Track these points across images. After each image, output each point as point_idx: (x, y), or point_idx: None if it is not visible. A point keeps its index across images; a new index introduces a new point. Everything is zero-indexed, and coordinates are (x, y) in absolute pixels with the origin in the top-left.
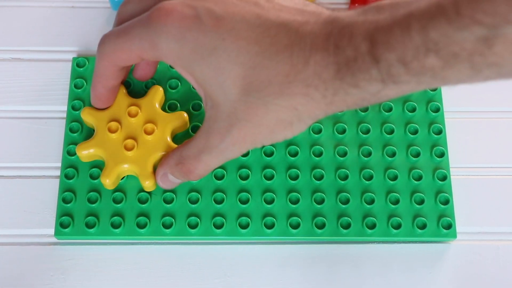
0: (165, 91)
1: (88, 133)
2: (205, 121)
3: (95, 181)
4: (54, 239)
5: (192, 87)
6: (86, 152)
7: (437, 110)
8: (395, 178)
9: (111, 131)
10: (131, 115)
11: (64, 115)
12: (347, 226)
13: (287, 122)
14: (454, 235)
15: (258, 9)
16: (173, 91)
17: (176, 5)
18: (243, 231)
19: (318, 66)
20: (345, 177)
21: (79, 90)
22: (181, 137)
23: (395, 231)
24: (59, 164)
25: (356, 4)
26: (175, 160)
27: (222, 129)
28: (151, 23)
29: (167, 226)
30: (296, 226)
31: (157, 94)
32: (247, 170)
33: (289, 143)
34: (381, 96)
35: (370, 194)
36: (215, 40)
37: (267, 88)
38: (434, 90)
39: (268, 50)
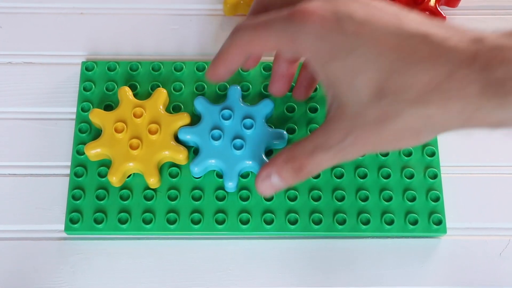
0: (170, 94)
1: (96, 134)
2: (327, 121)
3: (103, 179)
4: (64, 234)
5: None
6: (94, 151)
7: None
8: (388, 176)
9: (117, 131)
10: (136, 116)
11: (74, 116)
12: (342, 222)
13: (416, 131)
14: (444, 231)
15: (397, 19)
16: (177, 93)
17: (318, 8)
18: (244, 226)
19: (462, 81)
20: (341, 176)
21: (88, 93)
22: None
23: (388, 226)
24: (69, 163)
25: None
26: (283, 158)
27: (344, 129)
28: (292, 22)
29: (171, 222)
30: (294, 222)
31: (161, 96)
32: None
33: (287, 143)
34: None
35: (364, 191)
36: (354, 43)
37: (402, 94)
38: None
39: (408, 58)
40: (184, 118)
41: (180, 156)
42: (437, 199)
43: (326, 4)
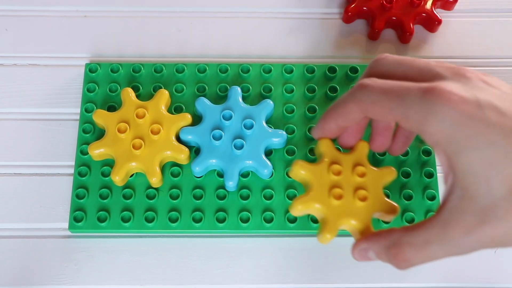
0: (171, 95)
1: (100, 134)
2: (445, 210)
3: (107, 178)
4: (68, 233)
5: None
6: (98, 151)
7: None
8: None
9: (120, 131)
10: (138, 116)
11: (78, 117)
12: None
13: None
14: None
15: None
16: (179, 94)
17: (456, 88)
18: (244, 225)
19: None
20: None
21: (91, 94)
22: None
23: (385, 224)
24: (73, 163)
25: (350, 13)
26: (389, 242)
27: (469, 224)
28: (429, 99)
29: (173, 220)
30: (293, 221)
31: (163, 97)
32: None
33: (287, 143)
34: None
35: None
36: (496, 135)
37: None
38: None
39: None
40: (185, 119)
41: (181, 155)
42: (433, 197)
43: (465, 87)
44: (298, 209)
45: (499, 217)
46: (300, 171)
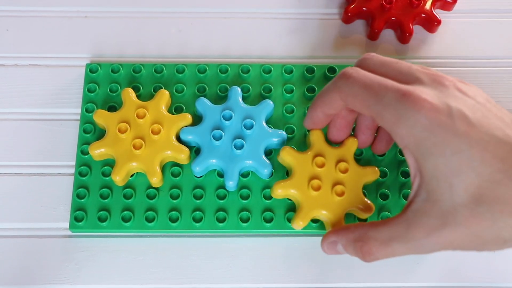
0: (172, 95)
1: (100, 134)
2: (410, 210)
3: (107, 178)
4: (68, 232)
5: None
6: (98, 151)
7: None
8: (385, 175)
9: (121, 131)
10: (139, 116)
11: (78, 117)
12: None
13: (504, 240)
14: None
15: (504, 125)
16: (179, 94)
17: (431, 96)
18: (244, 224)
19: None
20: None
21: (92, 94)
22: None
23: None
24: (74, 163)
25: (349, 14)
26: (356, 236)
27: (431, 226)
28: (404, 103)
29: (173, 220)
30: None
31: (163, 97)
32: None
33: (286, 143)
34: None
35: (362, 191)
36: (463, 144)
37: (501, 205)
38: None
39: (511, 171)
40: (186, 119)
41: (182, 155)
42: None
43: (440, 95)
44: (278, 193)
45: (459, 222)
46: (287, 157)
